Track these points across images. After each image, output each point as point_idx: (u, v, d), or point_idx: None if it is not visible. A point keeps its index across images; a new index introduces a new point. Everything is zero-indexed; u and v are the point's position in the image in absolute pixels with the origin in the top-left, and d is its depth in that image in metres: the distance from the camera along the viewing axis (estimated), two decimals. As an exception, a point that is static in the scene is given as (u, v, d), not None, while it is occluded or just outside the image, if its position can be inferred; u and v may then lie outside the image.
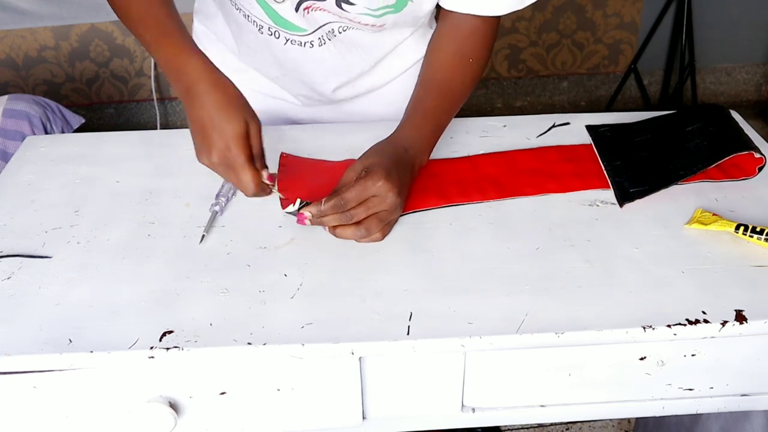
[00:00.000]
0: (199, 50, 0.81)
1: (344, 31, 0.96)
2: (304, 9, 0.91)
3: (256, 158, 0.79)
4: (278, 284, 0.75)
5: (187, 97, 0.79)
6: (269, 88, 1.09)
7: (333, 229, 0.80)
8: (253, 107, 0.81)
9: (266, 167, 0.81)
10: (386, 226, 0.81)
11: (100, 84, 2.79)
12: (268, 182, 0.80)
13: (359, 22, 0.93)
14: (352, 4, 0.89)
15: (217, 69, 0.80)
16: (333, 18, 0.93)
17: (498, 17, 0.91)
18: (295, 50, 0.99)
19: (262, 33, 0.98)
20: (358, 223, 0.78)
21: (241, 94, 0.80)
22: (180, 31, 0.81)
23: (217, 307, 0.71)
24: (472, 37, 0.92)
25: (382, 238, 0.81)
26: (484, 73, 0.94)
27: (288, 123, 1.13)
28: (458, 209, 0.87)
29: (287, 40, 0.98)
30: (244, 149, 0.77)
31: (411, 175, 0.84)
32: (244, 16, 0.97)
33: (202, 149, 0.78)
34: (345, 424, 0.74)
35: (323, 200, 0.78)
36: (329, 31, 0.96)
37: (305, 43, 0.97)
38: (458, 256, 0.78)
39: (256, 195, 0.79)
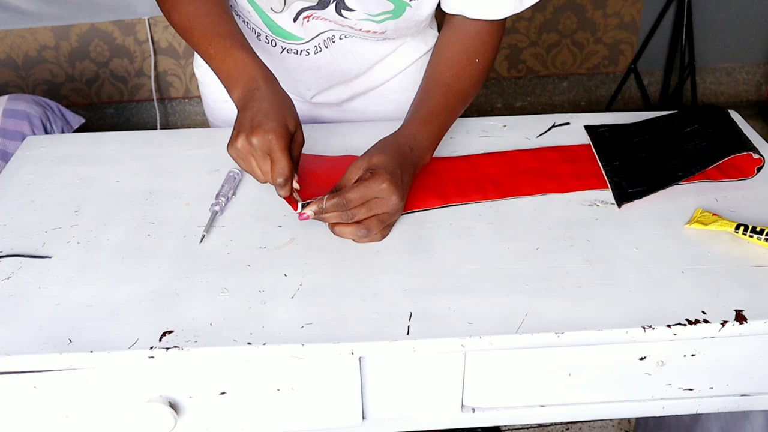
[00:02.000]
0: (261, 61, 0.83)
1: (343, 38, 0.96)
2: (304, 18, 0.91)
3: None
4: (278, 284, 0.75)
5: (246, 98, 0.80)
6: None
7: (333, 227, 0.80)
8: None
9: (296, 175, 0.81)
10: (386, 227, 0.80)
11: (100, 84, 2.79)
12: (297, 186, 0.80)
13: (361, 29, 0.93)
14: (351, 10, 0.89)
15: (277, 81, 0.83)
16: (333, 26, 0.93)
17: (503, 19, 0.91)
18: (291, 58, 0.99)
19: (260, 40, 0.99)
20: (358, 222, 0.78)
21: (294, 107, 0.82)
22: (242, 43, 0.84)
23: (217, 307, 0.71)
24: (478, 38, 0.92)
25: (382, 239, 0.81)
26: (488, 74, 0.94)
27: None
28: (458, 209, 0.87)
29: (283, 49, 0.98)
30: (285, 139, 0.77)
31: (413, 175, 0.84)
32: (244, 22, 0.98)
33: (243, 130, 0.78)
34: (345, 424, 0.74)
35: (325, 197, 0.77)
36: (326, 39, 0.96)
37: (301, 51, 0.97)
38: (458, 256, 0.78)
39: (282, 185, 0.78)
